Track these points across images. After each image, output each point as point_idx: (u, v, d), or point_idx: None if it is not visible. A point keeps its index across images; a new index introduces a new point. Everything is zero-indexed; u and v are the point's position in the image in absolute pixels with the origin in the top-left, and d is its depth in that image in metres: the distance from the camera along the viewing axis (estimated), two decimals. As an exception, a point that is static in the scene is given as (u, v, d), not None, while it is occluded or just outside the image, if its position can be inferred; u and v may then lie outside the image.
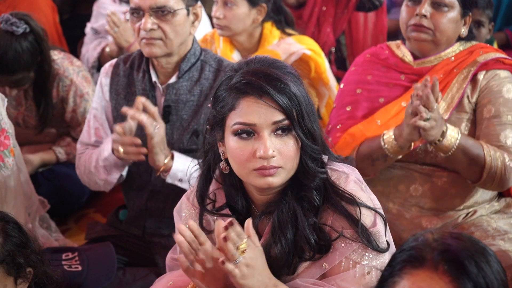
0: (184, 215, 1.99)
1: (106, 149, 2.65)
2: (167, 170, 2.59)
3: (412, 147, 2.58)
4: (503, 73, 2.63)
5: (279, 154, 1.77)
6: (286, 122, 1.76)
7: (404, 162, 2.69)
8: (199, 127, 2.65)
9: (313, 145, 1.81)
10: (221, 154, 1.86)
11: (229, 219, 1.70)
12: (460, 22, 2.66)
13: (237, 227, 1.72)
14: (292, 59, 3.46)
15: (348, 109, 2.77)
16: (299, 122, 1.77)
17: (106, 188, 2.81)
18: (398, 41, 2.83)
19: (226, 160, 1.85)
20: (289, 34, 3.56)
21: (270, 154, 1.75)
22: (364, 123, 2.70)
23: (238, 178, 1.86)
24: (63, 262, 2.68)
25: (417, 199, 2.68)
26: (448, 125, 2.50)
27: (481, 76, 2.63)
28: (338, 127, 2.75)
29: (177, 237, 1.75)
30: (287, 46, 3.48)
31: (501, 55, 2.66)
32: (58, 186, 3.53)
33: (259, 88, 1.74)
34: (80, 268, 2.68)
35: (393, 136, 2.56)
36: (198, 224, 1.93)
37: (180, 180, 2.61)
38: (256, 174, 1.78)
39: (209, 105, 1.89)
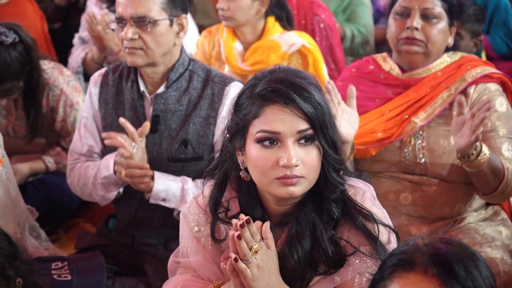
0: (191, 218, 1.96)
1: (105, 167, 2.66)
2: (149, 191, 2.61)
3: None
4: (493, 86, 2.64)
5: (302, 163, 1.75)
6: (310, 131, 1.75)
7: (394, 172, 2.71)
8: (188, 136, 2.65)
9: (335, 155, 1.80)
10: (240, 164, 1.84)
11: (246, 217, 1.70)
12: (448, 32, 2.68)
13: (253, 227, 1.72)
14: (292, 49, 3.54)
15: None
16: (322, 131, 1.76)
17: (102, 203, 2.82)
18: (384, 54, 2.84)
19: (246, 169, 1.83)
20: (290, 31, 3.65)
21: (293, 163, 1.73)
22: None
23: (255, 187, 1.85)
24: (53, 272, 2.68)
25: (407, 208, 2.69)
26: (482, 143, 2.49)
27: (471, 89, 2.64)
28: None
29: (232, 232, 1.72)
30: (288, 38, 3.56)
31: (488, 70, 2.67)
32: (47, 196, 3.52)
33: (285, 96, 1.73)
34: (69, 277, 2.67)
35: None
36: (210, 232, 1.92)
37: (164, 200, 2.62)
38: (278, 183, 1.75)
39: (230, 113, 1.87)
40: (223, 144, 1.90)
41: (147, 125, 2.59)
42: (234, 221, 1.72)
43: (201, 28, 4.25)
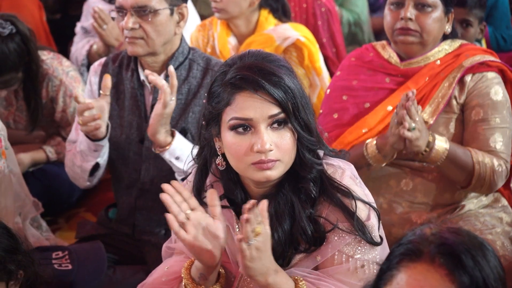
0: None
1: (81, 133, 2.65)
2: (166, 145, 2.57)
3: (395, 156, 2.61)
4: (490, 74, 2.63)
5: (276, 147, 1.77)
6: (282, 115, 1.77)
7: (395, 159, 2.70)
8: (187, 125, 2.66)
9: (309, 136, 1.82)
10: (217, 149, 1.86)
11: (252, 201, 1.70)
12: (444, 20, 2.67)
13: (256, 209, 1.72)
14: (286, 43, 3.51)
15: (335, 116, 2.77)
16: (294, 114, 1.78)
17: (83, 177, 2.77)
18: (384, 42, 2.83)
19: (223, 155, 1.85)
20: (285, 22, 3.61)
21: (267, 148, 1.75)
22: (351, 130, 2.71)
23: (235, 171, 1.87)
24: (53, 261, 2.69)
25: (408, 194, 2.70)
26: (436, 136, 2.52)
27: (468, 78, 2.63)
28: (325, 135, 2.75)
29: (163, 195, 1.77)
30: (282, 31, 3.53)
31: (487, 57, 2.66)
32: (48, 186, 3.53)
33: (254, 82, 1.74)
34: (70, 266, 2.68)
35: (375, 146, 2.59)
36: None
37: (177, 158, 2.59)
38: (254, 168, 1.78)
39: (204, 101, 1.89)
40: (200, 132, 1.92)
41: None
42: (245, 206, 1.71)
43: (202, 18, 4.24)
